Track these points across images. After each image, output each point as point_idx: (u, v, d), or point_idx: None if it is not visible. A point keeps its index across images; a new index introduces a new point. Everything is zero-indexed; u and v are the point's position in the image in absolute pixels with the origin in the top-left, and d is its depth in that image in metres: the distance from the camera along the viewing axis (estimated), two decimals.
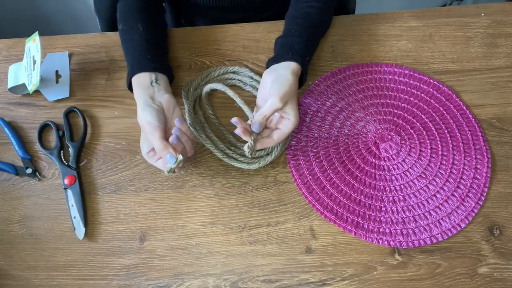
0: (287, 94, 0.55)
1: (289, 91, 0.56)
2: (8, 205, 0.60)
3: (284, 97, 0.55)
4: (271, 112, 0.55)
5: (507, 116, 0.65)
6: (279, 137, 0.56)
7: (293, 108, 0.56)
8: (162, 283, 0.54)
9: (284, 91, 0.55)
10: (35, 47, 0.66)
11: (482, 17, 0.74)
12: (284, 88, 0.55)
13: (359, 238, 0.56)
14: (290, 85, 0.56)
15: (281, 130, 0.56)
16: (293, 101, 0.56)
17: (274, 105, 0.54)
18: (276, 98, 0.54)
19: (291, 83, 0.56)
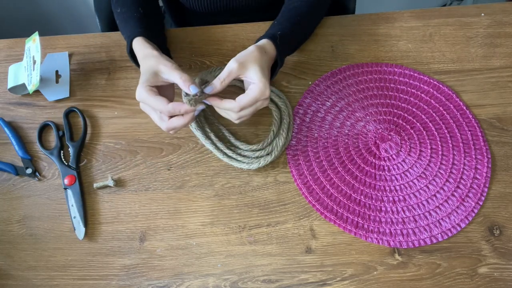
0: (245, 57, 0.54)
1: (247, 55, 0.54)
2: (8, 205, 0.60)
3: (239, 59, 0.53)
4: (226, 74, 0.53)
5: (507, 116, 0.65)
6: (241, 99, 0.53)
7: (258, 72, 0.53)
8: (162, 283, 0.54)
9: (242, 55, 0.54)
10: (35, 47, 0.66)
11: (482, 17, 0.74)
12: (243, 53, 0.54)
13: (359, 238, 0.56)
14: (249, 51, 0.55)
15: (247, 94, 0.53)
16: (255, 66, 0.53)
17: (229, 65, 0.53)
18: (232, 60, 0.53)
19: (250, 49, 0.55)
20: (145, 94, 0.53)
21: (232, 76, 0.53)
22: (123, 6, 0.65)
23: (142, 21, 0.63)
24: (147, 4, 0.66)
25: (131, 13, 0.64)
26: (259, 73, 0.53)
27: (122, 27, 0.65)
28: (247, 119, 0.56)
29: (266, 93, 0.53)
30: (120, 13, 0.65)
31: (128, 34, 0.61)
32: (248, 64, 0.53)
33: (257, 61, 0.54)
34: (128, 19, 0.63)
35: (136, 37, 0.59)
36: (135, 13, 0.64)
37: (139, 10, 0.64)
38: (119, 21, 0.66)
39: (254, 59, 0.54)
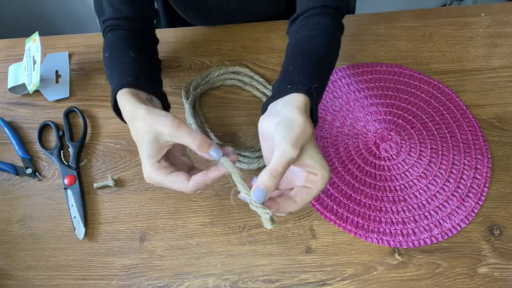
0: (301, 138, 0.40)
1: (302, 134, 0.40)
2: (8, 205, 0.60)
3: (297, 142, 0.40)
4: (283, 166, 0.39)
5: (507, 116, 0.65)
6: (305, 198, 0.42)
7: (316, 156, 0.41)
8: (162, 283, 0.54)
9: (295, 134, 0.40)
10: (35, 47, 0.66)
11: (482, 17, 0.74)
12: (294, 131, 0.40)
13: (359, 238, 0.56)
14: (301, 126, 0.41)
15: (307, 189, 0.42)
16: (312, 147, 0.42)
17: (286, 154, 0.39)
18: (287, 144, 0.39)
19: (301, 122, 0.41)
20: (157, 177, 0.44)
21: (288, 166, 0.40)
22: (112, 49, 0.56)
23: (131, 67, 0.52)
24: (142, 48, 0.58)
25: (120, 58, 0.54)
26: (320, 159, 0.41)
27: (108, 74, 0.55)
28: None
29: (329, 179, 0.42)
30: (108, 57, 0.55)
31: (113, 86, 0.51)
32: (305, 147, 0.41)
33: (313, 140, 0.42)
34: (116, 66, 0.53)
35: (121, 89, 0.48)
36: (124, 59, 0.53)
37: (130, 54, 0.54)
38: (106, 67, 0.56)
39: (310, 138, 0.41)
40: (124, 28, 0.58)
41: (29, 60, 0.67)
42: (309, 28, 0.55)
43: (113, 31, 0.58)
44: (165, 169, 0.44)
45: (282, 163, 0.39)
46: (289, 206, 0.42)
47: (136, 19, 0.59)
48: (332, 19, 0.55)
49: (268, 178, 0.39)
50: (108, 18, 0.59)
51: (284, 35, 0.73)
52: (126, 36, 0.57)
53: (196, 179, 0.43)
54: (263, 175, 0.39)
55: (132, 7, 0.59)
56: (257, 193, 0.39)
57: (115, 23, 0.58)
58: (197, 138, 0.42)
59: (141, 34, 0.59)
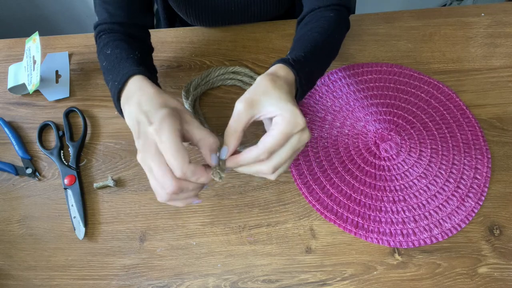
0: (250, 91, 0.42)
1: (254, 89, 0.42)
2: (8, 205, 0.60)
3: (244, 96, 0.41)
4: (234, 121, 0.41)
5: (507, 116, 0.65)
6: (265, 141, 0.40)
7: (274, 102, 0.41)
8: (162, 283, 0.54)
9: (249, 90, 0.42)
10: (35, 47, 0.66)
11: (482, 17, 0.74)
12: (249, 89, 0.43)
13: (359, 238, 0.56)
14: (255, 84, 0.43)
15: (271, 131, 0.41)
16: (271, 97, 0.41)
17: (235, 109, 0.41)
18: (237, 101, 0.41)
19: (256, 82, 0.43)
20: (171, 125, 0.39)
21: (243, 121, 0.41)
22: (115, 47, 0.54)
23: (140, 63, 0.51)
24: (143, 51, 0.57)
25: (126, 53, 0.52)
26: (279, 102, 0.41)
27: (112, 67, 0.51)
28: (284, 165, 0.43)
29: (299, 122, 0.40)
30: (111, 54, 0.53)
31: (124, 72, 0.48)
32: (260, 96, 0.41)
33: (270, 88, 0.42)
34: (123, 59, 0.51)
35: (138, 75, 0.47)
36: (131, 55, 0.52)
37: (136, 53, 0.53)
38: (108, 62, 0.52)
39: (265, 88, 0.42)
40: (119, 32, 0.57)
41: (29, 60, 0.67)
42: (312, 21, 0.57)
43: (108, 34, 0.57)
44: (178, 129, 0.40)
45: (233, 119, 0.41)
46: (250, 151, 0.41)
47: (130, 25, 0.58)
48: (336, 12, 0.57)
49: (226, 136, 0.41)
50: (101, 23, 0.57)
51: (284, 35, 0.73)
52: (124, 38, 0.56)
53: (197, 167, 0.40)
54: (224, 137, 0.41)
55: (128, 13, 0.58)
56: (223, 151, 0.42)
57: (109, 27, 0.57)
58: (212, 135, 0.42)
59: (136, 39, 0.58)
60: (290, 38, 0.73)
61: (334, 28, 0.56)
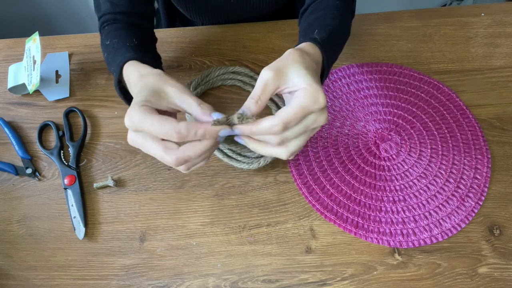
0: (280, 62, 0.41)
1: (283, 59, 0.41)
2: (8, 205, 0.60)
3: (273, 65, 0.40)
4: (261, 89, 0.40)
5: (507, 116, 0.64)
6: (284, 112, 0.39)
7: (301, 74, 0.40)
8: (162, 283, 0.54)
9: (278, 60, 0.41)
10: (35, 47, 0.66)
11: (482, 17, 0.74)
12: (278, 59, 0.42)
13: (359, 238, 0.56)
14: (284, 55, 0.42)
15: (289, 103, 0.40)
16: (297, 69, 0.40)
17: (262, 77, 0.40)
18: (265, 69, 0.40)
19: (286, 53, 0.42)
20: (141, 114, 0.38)
21: (270, 90, 0.40)
22: (114, 37, 0.54)
23: (136, 50, 0.51)
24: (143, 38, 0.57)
25: (123, 42, 0.53)
26: (305, 76, 0.40)
27: (110, 58, 0.52)
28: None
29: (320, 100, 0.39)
30: (109, 44, 0.54)
31: (118, 61, 0.48)
32: (287, 69, 0.40)
33: (299, 62, 0.41)
34: (119, 49, 0.52)
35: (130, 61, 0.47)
36: (127, 43, 0.52)
37: (133, 40, 0.53)
38: (108, 53, 0.53)
39: (293, 61, 0.41)
40: (122, 21, 0.57)
41: (29, 60, 0.67)
42: (319, 10, 0.55)
43: (111, 25, 0.57)
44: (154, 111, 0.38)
45: (259, 86, 0.39)
46: (267, 120, 0.39)
47: (134, 14, 0.58)
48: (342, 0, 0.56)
49: (249, 101, 0.39)
50: (105, 13, 0.58)
51: (284, 35, 0.73)
52: (125, 27, 0.56)
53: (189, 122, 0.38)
54: (246, 101, 0.40)
55: (130, 2, 0.58)
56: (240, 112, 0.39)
57: (112, 17, 0.57)
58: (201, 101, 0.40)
59: (140, 28, 0.59)
60: (290, 38, 0.73)
61: (343, 14, 0.56)
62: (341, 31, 0.55)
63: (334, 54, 0.52)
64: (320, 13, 0.55)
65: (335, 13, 0.55)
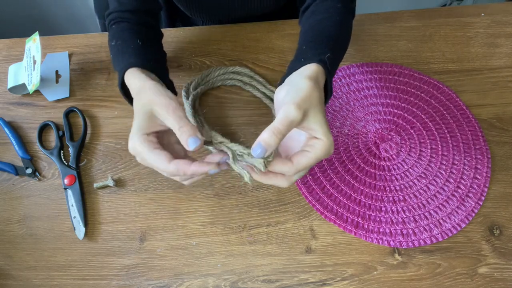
0: (306, 101, 0.41)
1: (308, 97, 0.41)
2: (8, 205, 0.60)
3: (302, 104, 0.40)
4: (285, 125, 0.39)
5: (507, 116, 0.64)
6: (300, 160, 0.41)
7: (321, 123, 0.41)
8: (162, 283, 0.54)
9: (301, 96, 0.41)
10: (35, 47, 0.66)
11: (482, 17, 0.74)
12: (300, 93, 0.41)
13: (359, 238, 0.56)
14: (308, 90, 0.42)
15: (305, 152, 0.41)
16: (319, 113, 0.41)
17: (289, 113, 0.39)
18: (291, 105, 0.40)
19: (307, 87, 0.42)
20: (140, 146, 0.42)
21: (292, 127, 0.40)
22: (118, 38, 0.56)
23: (139, 52, 0.53)
24: (147, 38, 0.58)
25: (127, 44, 0.54)
26: (324, 126, 0.41)
27: (115, 61, 0.55)
28: None
29: (331, 152, 0.41)
30: (114, 46, 0.56)
31: (121, 67, 0.51)
32: (310, 111, 0.41)
33: (319, 105, 0.42)
34: (123, 52, 0.53)
35: (130, 68, 0.49)
36: (131, 45, 0.54)
37: (137, 42, 0.54)
38: (113, 55, 0.56)
39: (316, 103, 0.41)
40: (129, 21, 0.58)
41: (29, 60, 0.67)
42: (321, 12, 0.56)
43: (118, 23, 0.58)
44: (151, 143, 0.43)
45: (284, 123, 0.39)
46: (284, 164, 0.41)
47: (140, 12, 0.59)
48: (342, 2, 0.56)
49: (270, 135, 0.39)
50: (112, 11, 0.59)
51: (284, 35, 0.73)
52: (131, 27, 0.58)
53: (177, 163, 0.41)
54: (265, 133, 0.39)
55: (137, 0, 0.59)
56: (256, 148, 0.39)
57: (119, 15, 0.58)
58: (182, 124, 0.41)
59: (146, 26, 0.60)
60: (290, 38, 0.73)
61: (345, 18, 0.56)
62: (344, 42, 0.56)
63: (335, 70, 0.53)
64: (322, 17, 0.55)
65: (338, 19, 0.55)
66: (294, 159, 0.41)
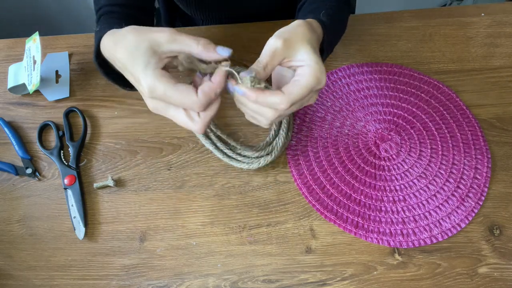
0: (289, 33, 0.41)
1: (292, 31, 0.41)
2: (8, 205, 0.60)
3: (282, 34, 0.40)
4: (269, 57, 0.40)
5: (507, 116, 0.64)
6: (291, 89, 0.40)
7: (308, 52, 0.40)
8: (162, 283, 0.54)
9: (284, 29, 0.41)
10: (35, 47, 0.66)
11: (482, 17, 0.74)
12: (285, 28, 0.41)
13: (359, 238, 0.56)
14: (293, 25, 0.42)
15: (297, 81, 0.40)
16: (307, 44, 0.40)
17: (271, 45, 0.40)
18: (272, 37, 0.40)
19: (295, 24, 0.42)
20: (162, 86, 0.37)
21: (277, 60, 0.40)
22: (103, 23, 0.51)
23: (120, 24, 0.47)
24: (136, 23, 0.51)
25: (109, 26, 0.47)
26: (313, 54, 0.40)
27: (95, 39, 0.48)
28: None
29: (323, 81, 0.40)
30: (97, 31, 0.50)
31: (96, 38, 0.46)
32: (296, 43, 0.40)
33: (307, 38, 0.41)
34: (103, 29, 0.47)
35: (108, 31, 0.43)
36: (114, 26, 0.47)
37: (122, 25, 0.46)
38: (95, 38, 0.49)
39: (303, 36, 0.41)
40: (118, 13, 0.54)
41: (29, 60, 0.67)
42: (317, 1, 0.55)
43: (106, 15, 0.54)
44: (171, 79, 0.38)
45: (267, 53, 0.40)
46: (275, 95, 0.40)
47: (131, 7, 0.56)
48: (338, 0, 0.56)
49: (257, 65, 0.40)
50: (102, 6, 0.55)
51: None
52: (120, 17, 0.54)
53: (204, 89, 0.38)
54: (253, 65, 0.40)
55: None
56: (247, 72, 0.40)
57: (110, 9, 0.55)
58: (201, 39, 0.38)
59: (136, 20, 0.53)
60: None
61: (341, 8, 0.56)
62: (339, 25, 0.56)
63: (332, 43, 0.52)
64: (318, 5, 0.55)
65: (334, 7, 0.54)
66: (284, 89, 0.40)
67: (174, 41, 0.38)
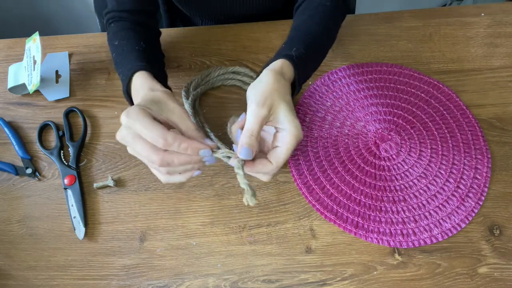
0: (268, 95, 0.43)
1: (270, 91, 0.44)
2: (8, 205, 0.60)
3: (264, 100, 0.43)
4: (257, 125, 0.43)
5: (507, 116, 0.65)
6: (277, 157, 0.44)
7: (286, 112, 0.43)
8: (162, 283, 0.54)
9: (262, 92, 0.44)
10: (35, 47, 0.66)
11: (482, 17, 0.74)
12: (262, 90, 0.44)
13: (359, 238, 0.56)
14: (270, 85, 0.44)
15: (278, 148, 0.44)
16: (282, 104, 0.44)
17: (257, 113, 0.43)
18: (254, 104, 0.43)
19: (269, 81, 0.45)
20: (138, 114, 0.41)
21: (263, 124, 0.43)
22: (122, 38, 0.57)
23: (144, 56, 0.54)
24: (149, 39, 0.59)
25: (132, 46, 0.55)
26: (289, 115, 0.43)
27: (120, 60, 0.55)
28: None
29: (301, 135, 0.44)
30: (118, 45, 0.56)
31: (128, 67, 0.52)
32: (276, 107, 0.43)
33: (281, 96, 0.44)
34: (129, 52, 0.54)
35: (140, 71, 0.50)
36: (136, 46, 0.55)
37: (141, 44, 0.56)
38: (116, 54, 0.56)
39: (279, 95, 0.44)
40: (127, 20, 0.59)
41: (29, 60, 0.67)
42: (309, 9, 0.58)
43: (116, 22, 0.59)
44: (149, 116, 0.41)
45: (255, 122, 0.43)
46: (265, 166, 0.44)
47: (138, 12, 0.60)
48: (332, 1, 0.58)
49: (249, 138, 0.42)
50: (110, 11, 0.60)
51: (284, 35, 0.73)
52: (131, 27, 0.58)
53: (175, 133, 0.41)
54: (243, 137, 0.43)
55: (135, 0, 0.60)
56: (244, 151, 0.43)
57: (117, 15, 0.59)
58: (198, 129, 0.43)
59: (145, 27, 0.60)
60: None
61: (330, 17, 0.58)
62: (325, 40, 0.58)
63: (311, 68, 0.56)
64: (309, 14, 0.57)
65: (322, 17, 0.57)
66: (272, 159, 0.44)
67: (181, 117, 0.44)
